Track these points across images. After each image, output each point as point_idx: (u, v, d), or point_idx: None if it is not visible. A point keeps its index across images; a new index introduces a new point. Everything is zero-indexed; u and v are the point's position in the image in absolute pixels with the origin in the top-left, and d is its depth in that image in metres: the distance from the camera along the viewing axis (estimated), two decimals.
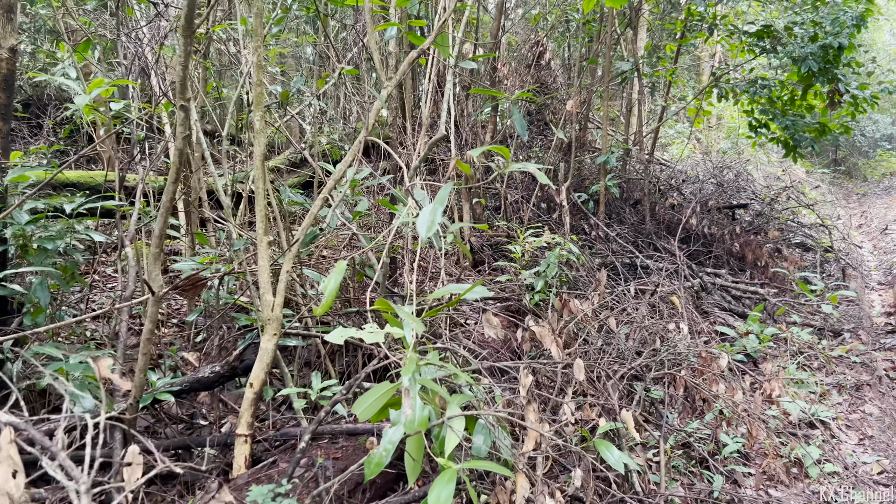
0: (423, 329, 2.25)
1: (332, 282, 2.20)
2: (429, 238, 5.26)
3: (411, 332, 2.39)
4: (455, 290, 2.40)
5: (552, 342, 2.85)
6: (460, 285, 2.39)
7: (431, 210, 1.85)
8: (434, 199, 1.90)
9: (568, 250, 5.00)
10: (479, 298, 5.74)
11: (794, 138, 8.77)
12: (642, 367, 4.46)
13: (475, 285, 2.35)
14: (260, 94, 3.37)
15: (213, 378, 3.38)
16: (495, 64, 8.88)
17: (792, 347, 6.03)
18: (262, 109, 3.38)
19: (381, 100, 3.40)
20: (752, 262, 7.77)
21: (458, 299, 2.33)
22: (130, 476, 1.77)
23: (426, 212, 1.86)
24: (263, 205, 3.39)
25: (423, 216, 1.85)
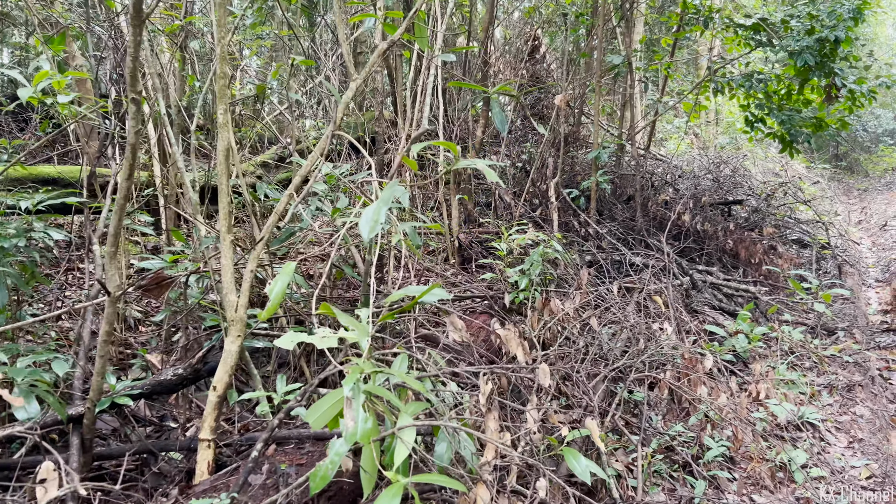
0: (367, 336, 2.14)
1: (278, 284, 2.09)
2: (406, 235, 5.04)
3: (365, 338, 2.29)
4: (412, 293, 2.28)
5: (517, 346, 2.73)
6: (419, 287, 2.28)
7: (375, 209, 1.74)
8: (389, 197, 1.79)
9: (552, 248, 4.88)
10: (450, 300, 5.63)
11: (790, 133, 8.63)
12: (625, 368, 4.35)
13: (432, 287, 2.23)
14: (223, 86, 3.25)
15: (176, 381, 3.28)
16: (486, 58, 8.75)
17: (783, 346, 5.91)
18: (226, 102, 3.26)
19: (349, 94, 3.28)
20: (745, 259, 7.64)
21: (415, 302, 2.22)
22: (44, 496, 1.66)
23: (369, 211, 1.74)
24: (227, 201, 3.27)
25: (365, 216, 1.74)
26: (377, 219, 1.74)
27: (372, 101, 7.84)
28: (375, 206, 1.75)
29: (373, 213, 1.74)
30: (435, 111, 8.50)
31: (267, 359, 4.40)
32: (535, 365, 2.61)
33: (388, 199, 1.77)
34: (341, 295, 6.07)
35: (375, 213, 1.74)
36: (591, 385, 3.91)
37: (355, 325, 1.87)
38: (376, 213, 1.74)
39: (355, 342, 2.26)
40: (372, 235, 1.72)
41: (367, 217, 1.74)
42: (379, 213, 1.74)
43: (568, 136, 9.17)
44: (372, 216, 1.74)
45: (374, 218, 1.74)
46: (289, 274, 2.13)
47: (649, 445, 4.12)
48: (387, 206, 1.76)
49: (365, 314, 2.35)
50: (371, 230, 1.73)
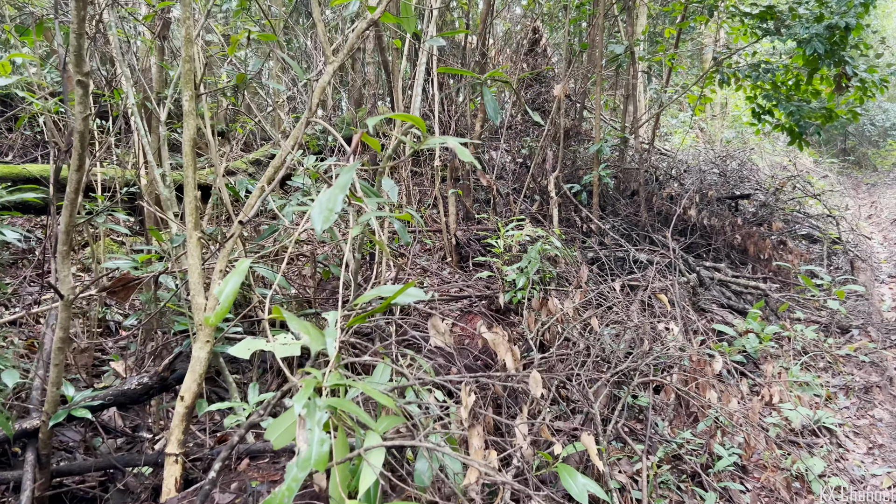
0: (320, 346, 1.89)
1: (228, 285, 1.83)
2: (406, 233, 4.82)
3: (330, 345, 2.03)
4: (385, 293, 2.03)
5: (507, 351, 2.47)
6: (391, 287, 2.02)
7: (329, 197, 1.48)
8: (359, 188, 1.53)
9: (551, 244, 4.61)
10: (434, 299, 5.36)
11: (799, 125, 8.33)
12: (629, 371, 4.08)
13: (406, 287, 1.97)
14: (189, 71, 3.00)
15: (141, 390, 3.02)
16: (484, 50, 8.48)
17: (796, 346, 5.63)
18: (192, 88, 3.01)
19: (325, 78, 3.03)
20: (754, 255, 7.36)
21: (388, 304, 1.96)
22: None
23: (322, 199, 1.48)
24: (193, 196, 3.02)
25: (318, 204, 1.48)
26: (332, 207, 1.48)
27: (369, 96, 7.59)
28: (329, 194, 1.49)
29: (326, 202, 1.48)
30: (431, 104, 8.24)
31: (248, 364, 4.15)
32: (526, 372, 2.35)
33: (344, 184, 1.52)
34: (331, 295, 5.82)
35: (330, 202, 1.48)
36: (592, 390, 3.65)
37: (310, 332, 1.61)
38: (330, 202, 1.48)
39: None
40: (326, 227, 1.46)
41: (319, 206, 1.48)
42: (334, 201, 1.48)
43: (569, 129, 8.90)
44: (325, 204, 1.48)
45: (328, 206, 1.48)
46: (241, 273, 1.87)
47: (655, 454, 3.85)
48: (343, 192, 1.50)
49: (333, 318, 2.10)
50: (325, 221, 1.47)
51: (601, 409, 3.81)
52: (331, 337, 2.06)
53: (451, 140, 1.45)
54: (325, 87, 3.07)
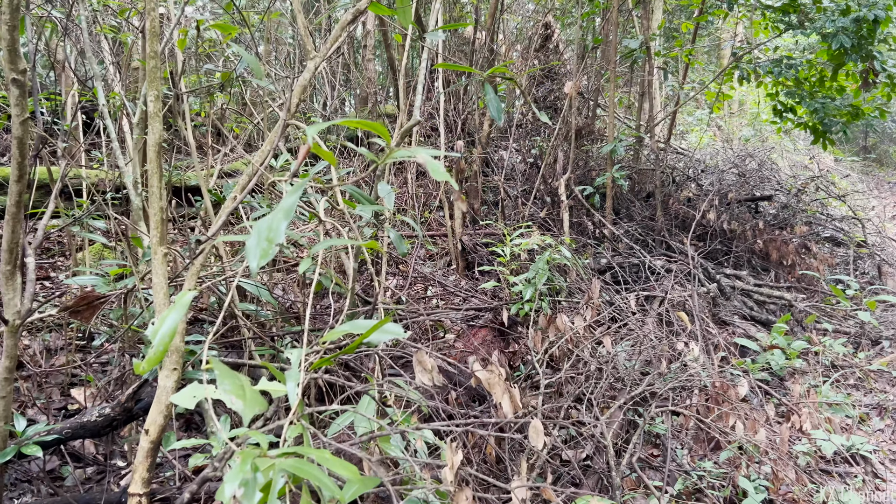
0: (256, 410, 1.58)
1: (165, 325, 1.52)
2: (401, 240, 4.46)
3: (294, 390, 1.73)
4: (356, 330, 1.71)
5: (503, 392, 2.16)
6: (363, 323, 1.71)
7: (268, 226, 1.17)
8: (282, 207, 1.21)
9: (560, 254, 4.28)
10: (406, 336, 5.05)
11: (823, 123, 7.94)
12: (645, 394, 3.74)
13: (382, 323, 1.66)
14: (154, 68, 2.70)
15: (102, 422, 2.73)
16: (493, 46, 8.15)
17: (824, 360, 5.26)
18: (158, 87, 2.70)
19: (306, 75, 2.71)
20: (777, 260, 6.98)
21: (359, 342, 1.65)
22: None
23: (260, 229, 1.17)
24: (158, 207, 2.71)
25: (255, 235, 1.17)
26: (272, 238, 1.16)
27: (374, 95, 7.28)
28: (269, 221, 1.18)
29: (266, 231, 1.17)
30: (436, 103, 7.91)
31: None
32: (526, 419, 2.03)
33: (288, 209, 1.20)
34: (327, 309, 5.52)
35: (269, 231, 1.16)
36: (604, 417, 3.32)
37: (245, 393, 1.30)
38: (271, 231, 1.16)
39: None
40: (264, 262, 1.15)
41: (257, 236, 1.17)
42: (275, 231, 1.17)
43: (582, 128, 8.54)
44: (264, 234, 1.16)
45: (267, 237, 1.16)
46: (181, 308, 1.56)
47: (674, 486, 3.52)
48: (287, 218, 1.19)
49: (297, 357, 1.79)
50: (263, 255, 1.16)
51: (615, 437, 3.48)
52: (292, 381, 1.75)
53: (422, 153, 1.13)
54: (307, 85, 2.75)
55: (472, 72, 3.39)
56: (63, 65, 4.39)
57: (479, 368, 2.20)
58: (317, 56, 2.79)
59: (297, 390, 1.74)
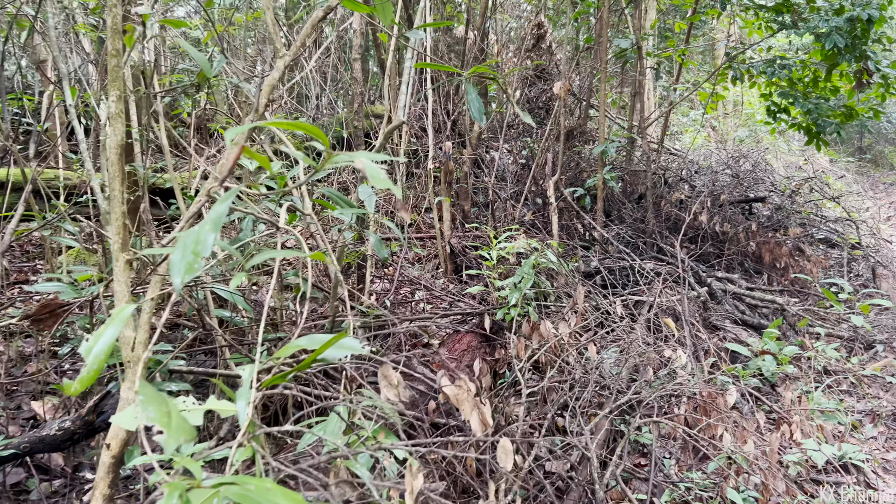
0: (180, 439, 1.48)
1: (99, 342, 1.41)
2: (391, 243, 4.35)
3: (244, 410, 1.63)
4: (310, 346, 1.61)
5: (472, 409, 2.05)
6: (317, 338, 1.60)
7: (194, 239, 1.06)
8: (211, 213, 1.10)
9: (546, 258, 4.18)
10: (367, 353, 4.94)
11: (817, 124, 7.85)
12: (632, 402, 3.64)
13: (336, 339, 1.56)
14: (116, 66, 2.59)
15: (62, 437, 2.62)
16: (483, 45, 8.05)
17: (816, 365, 5.16)
18: (120, 87, 2.60)
19: (275, 74, 2.61)
20: (769, 263, 6.88)
21: (312, 359, 1.54)
22: None
23: (185, 242, 1.06)
24: (121, 212, 2.61)
25: (180, 249, 1.06)
26: (198, 251, 1.06)
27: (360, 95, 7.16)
28: (195, 234, 1.07)
29: (191, 244, 1.06)
30: (423, 103, 7.81)
31: (207, 392, 3.74)
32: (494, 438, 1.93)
33: (216, 220, 1.10)
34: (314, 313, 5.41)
35: (195, 244, 1.06)
36: (589, 427, 3.21)
37: (171, 422, 1.19)
38: (197, 244, 1.06)
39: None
40: (189, 278, 1.05)
41: (182, 249, 1.06)
42: (202, 244, 1.06)
43: (573, 129, 8.45)
44: (190, 247, 1.06)
45: (193, 250, 1.06)
46: (119, 323, 1.46)
47: (660, 498, 3.42)
48: (215, 230, 1.08)
49: (248, 374, 1.68)
50: (187, 270, 1.05)
51: (600, 447, 3.38)
52: (243, 400, 1.65)
53: (362, 158, 1.03)
54: (275, 84, 2.65)
55: (453, 70, 3.30)
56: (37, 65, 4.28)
57: (447, 383, 2.09)
58: (286, 54, 2.68)
59: (247, 410, 1.64)
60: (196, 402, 1.70)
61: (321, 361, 1.58)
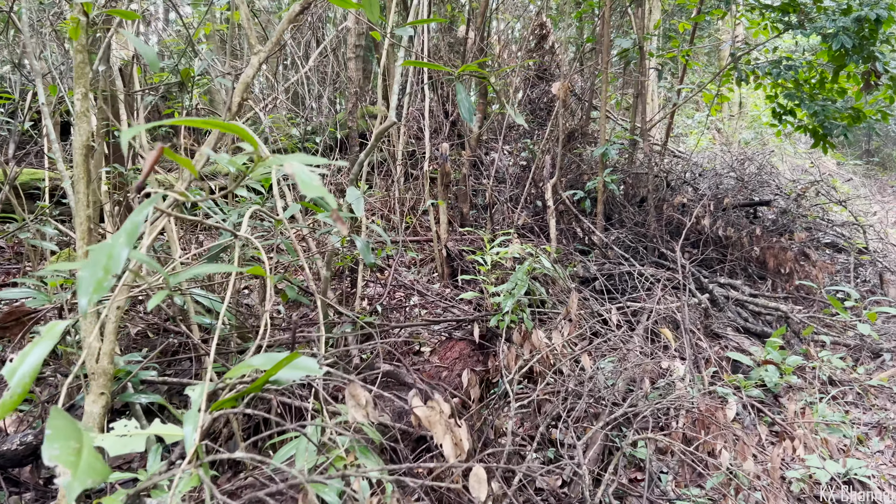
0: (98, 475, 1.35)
1: (25, 363, 1.28)
2: (385, 245, 4.20)
3: (191, 435, 1.50)
4: (263, 366, 1.47)
5: (445, 432, 1.91)
6: (273, 356, 1.47)
7: (108, 252, 0.93)
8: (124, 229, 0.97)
9: (541, 263, 4.04)
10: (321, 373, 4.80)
11: (823, 126, 7.69)
12: (628, 416, 3.49)
13: (290, 358, 1.42)
14: (82, 62, 2.46)
15: (24, 451, 2.49)
16: (482, 45, 7.91)
17: (821, 375, 5.01)
18: (86, 84, 2.47)
19: (250, 71, 2.48)
20: (774, 269, 6.72)
21: (263, 382, 1.41)
22: None
23: (96, 258, 0.93)
24: (86, 216, 2.48)
25: (89, 265, 0.93)
26: (109, 268, 0.93)
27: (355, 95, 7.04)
28: (108, 247, 0.95)
29: (104, 259, 0.93)
30: (419, 104, 7.68)
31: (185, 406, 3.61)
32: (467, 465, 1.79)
33: (131, 233, 0.97)
34: (303, 318, 5.29)
35: (108, 258, 0.93)
36: (582, 441, 3.07)
37: (73, 458, 1.06)
38: (110, 259, 0.93)
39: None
40: (96, 299, 0.92)
41: (92, 265, 0.93)
42: (115, 259, 0.94)
43: (574, 130, 8.31)
44: (100, 264, 0.93)
45: (104, 266, 0.93)
46: (50, 339, 1.33)
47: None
48: (129, 244, 0.96)
49: (198, 395, 1.55)
50: (96, 288, 0.93)
51: (593, 462, 3.24)
52: (190, 424, 1.52)
53: (294, 162, 0.90)
54: (249, 83, 2.52)
55: (442, 69, 3.17)
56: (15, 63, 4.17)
57: (419, 403, 1.96)
58: (261, 50, 2.55)
59: (194, 435, 1.50)
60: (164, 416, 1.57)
61: (274, 383, 1.44)
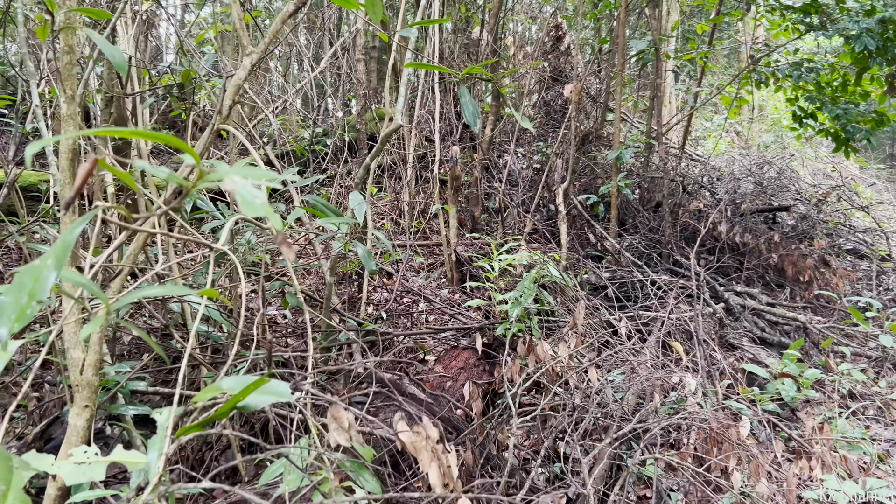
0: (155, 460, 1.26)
1: None
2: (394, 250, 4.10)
3: (156, 463, 1.40)
4: (231, 390, 1.37)
5: (431, 460, 1.80)
6: (241, 380, 1.37)
7: (34, 275, 0.83)
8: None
9: (549, 271, 3.92)
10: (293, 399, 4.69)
11: (846, 130, 7.49)
12: (638, 432, 3.36)
13: (258, 383, 1.32)
14: (68, 64, 2.39)
15: None
16: (495, 47, 7.79)
17: (841, 388, 4.83)
18: (73, 87, 2.39)
19: (241, 73, 2.39)
20: (793, 276, 6.54)
21: (230, 407, 1.31)
22: None
23: (23, 279, 0.83)
24: (70, 221, 2.41)
25: (14, 286, 0.84)
26: (35, 293, 0.83)
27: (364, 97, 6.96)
28: (34, 270, 0.85)
29: (29, 282, 0.83)
30: (430, 106, 7.58)
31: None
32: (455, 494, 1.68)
33: (61, 253, 0.87)
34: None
35: (34, 282, 0.83)
36: (586, 459, 2.95)
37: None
38: (36, 283, 0.83)
39: None
40: (16, 329, 0.82)
41: (16, 290, 0.84)
42: (41, 284, 0.84)
43: (589, 133, 8.17)
44: (27, 287, 0.83)
45: (30, 290, 0.83)
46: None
47: None
48: (58, 266, 0.86)
49: (164, 419, 1.46)
50: (19, 317, 0.83)
51: (600, 480, 3.11)
52: (154, 451, 1.42)
53: (235, 176, 0.80)
54: (240, 85, 2.43)
55: (446, 71, 3.08)
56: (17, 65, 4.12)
57: (404, 428, 1.84)
58: (253, 52, 2.46)
59: (158, 463, 1.41)
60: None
61: (242, 409, 1.34)
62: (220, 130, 2.53)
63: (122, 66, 1.92)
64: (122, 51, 2.05)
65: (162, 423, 1.44)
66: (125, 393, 2.78)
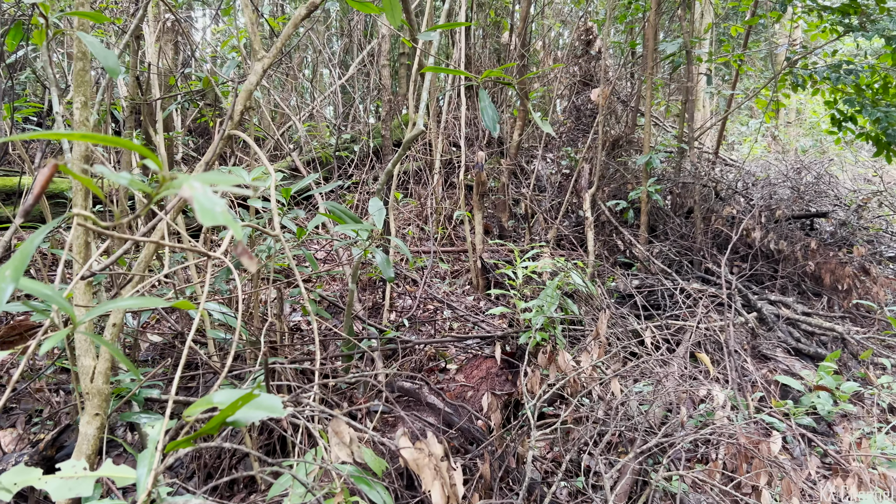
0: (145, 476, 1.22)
1: None
2: (412, 259, 4.07)
3: (144, 478, 1.36)
4: (222, 404, 1.33)
5: (434, 478, 1.72)
6: (233, 394, 1.32)
7: None
8: None
9: (572, 280, 3.82)
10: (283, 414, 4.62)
11: (887, 133, 7.25)
12: (664, 446, 3.25)
13: (247, 398, 1.27)
14: (82, 70, 2.38)
15: None
16: (523, 51, 7.71)
17: (881, 402, 4.64)
18: (86, 93, 2.38)
19: (253, 78, 2.36)
20: (830, 285, 6.33)
21: (219, 422, 1.26)
22: None
23: None
24: (82, 229, 2.39)
25: None
26: None
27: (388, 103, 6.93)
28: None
29: None
30: (455, 111, 7.52)
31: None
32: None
33: (20, 264, 0.83)
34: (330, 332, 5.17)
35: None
36: (608, 474, 2.85)
37: None
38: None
39: None
40: None
41: None
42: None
43: (619, 138, 8.03)
44: None
45: None
46: None
47: None
48: (17, 277, 0.81)
49: (155, 434, 1.41)
50: None
51: (623, 497, 3.00)
52: (144, 466, 1.38)
53: (195, 186, 0.75)
54: (252, 91, 2.40)
55: (465, 75, 3.01)
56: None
57: (407, 445, 1.77)
58: (265, 56, 2.43)
59: (147, 479, 1.36)
60: None
61: (232, 425, 1.29)
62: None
63: (114, 70, 1.90)
64: (116, 55, 2.03)
65: (153, 437, 1.40)
66: (139, 401, 2.76)
